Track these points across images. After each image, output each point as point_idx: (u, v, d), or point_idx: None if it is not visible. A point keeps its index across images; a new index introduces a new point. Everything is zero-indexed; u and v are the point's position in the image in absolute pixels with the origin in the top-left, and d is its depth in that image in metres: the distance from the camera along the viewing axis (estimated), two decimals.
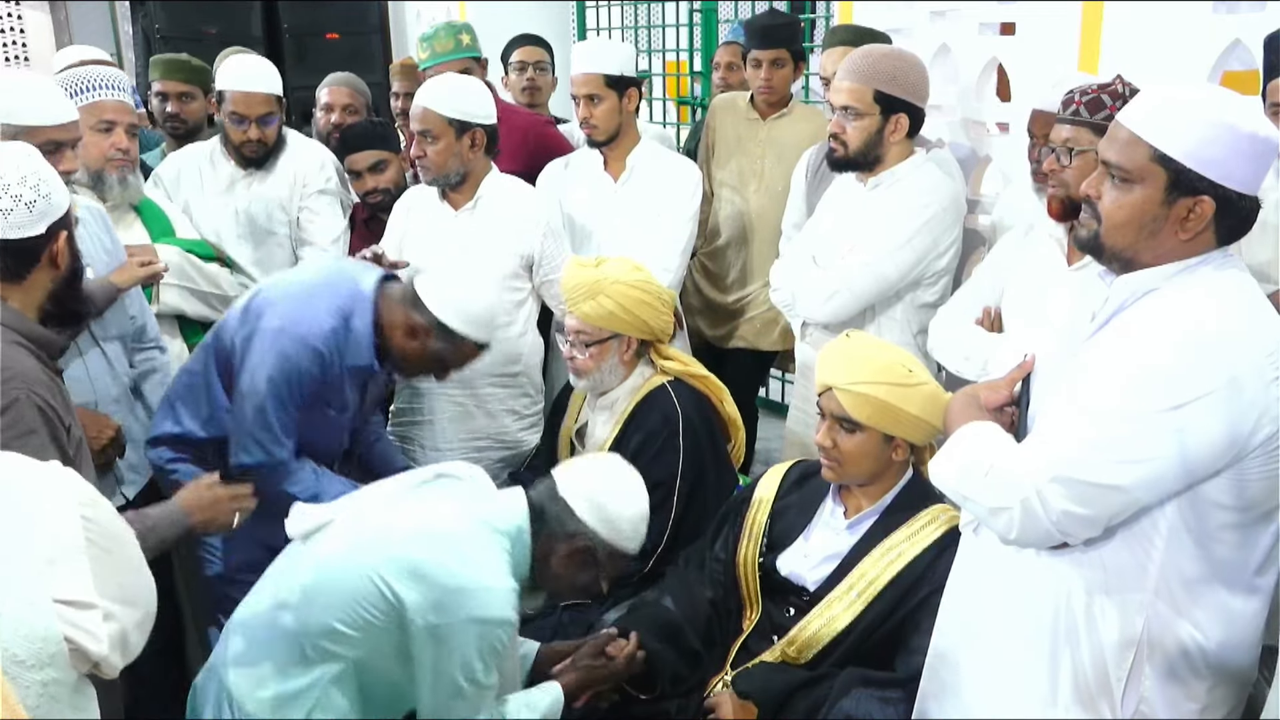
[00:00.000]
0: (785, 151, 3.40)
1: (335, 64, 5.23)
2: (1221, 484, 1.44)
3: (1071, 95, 2.12)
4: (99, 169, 2.56)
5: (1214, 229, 1.46)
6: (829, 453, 2.04)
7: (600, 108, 3.06)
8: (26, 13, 6.17)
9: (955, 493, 1.59)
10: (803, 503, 2.17)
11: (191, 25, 5.55)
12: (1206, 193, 1.42)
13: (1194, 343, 1.41)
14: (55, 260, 1.75)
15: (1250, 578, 1.52)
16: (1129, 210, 1.47)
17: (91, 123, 2.50)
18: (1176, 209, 1.44)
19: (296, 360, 2.19)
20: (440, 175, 2.79)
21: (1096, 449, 1.42)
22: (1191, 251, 1.47)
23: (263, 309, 2.24)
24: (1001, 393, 1.66)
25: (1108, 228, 1.50)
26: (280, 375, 2.19)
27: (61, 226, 1.75)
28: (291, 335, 2.19)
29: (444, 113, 2.73)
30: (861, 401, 1.98)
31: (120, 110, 2.58)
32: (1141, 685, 1.52)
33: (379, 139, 3.18)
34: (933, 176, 2.59)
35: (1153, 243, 1.47)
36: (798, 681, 1.98)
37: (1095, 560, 1.52)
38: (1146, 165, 1.44)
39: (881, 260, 2.55)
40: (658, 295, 2.50)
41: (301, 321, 2.20)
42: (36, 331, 1.76)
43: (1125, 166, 1.46)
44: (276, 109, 3.07)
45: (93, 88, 2.54)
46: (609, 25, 5.57)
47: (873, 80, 2.47)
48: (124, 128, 2.58)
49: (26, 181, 1.68)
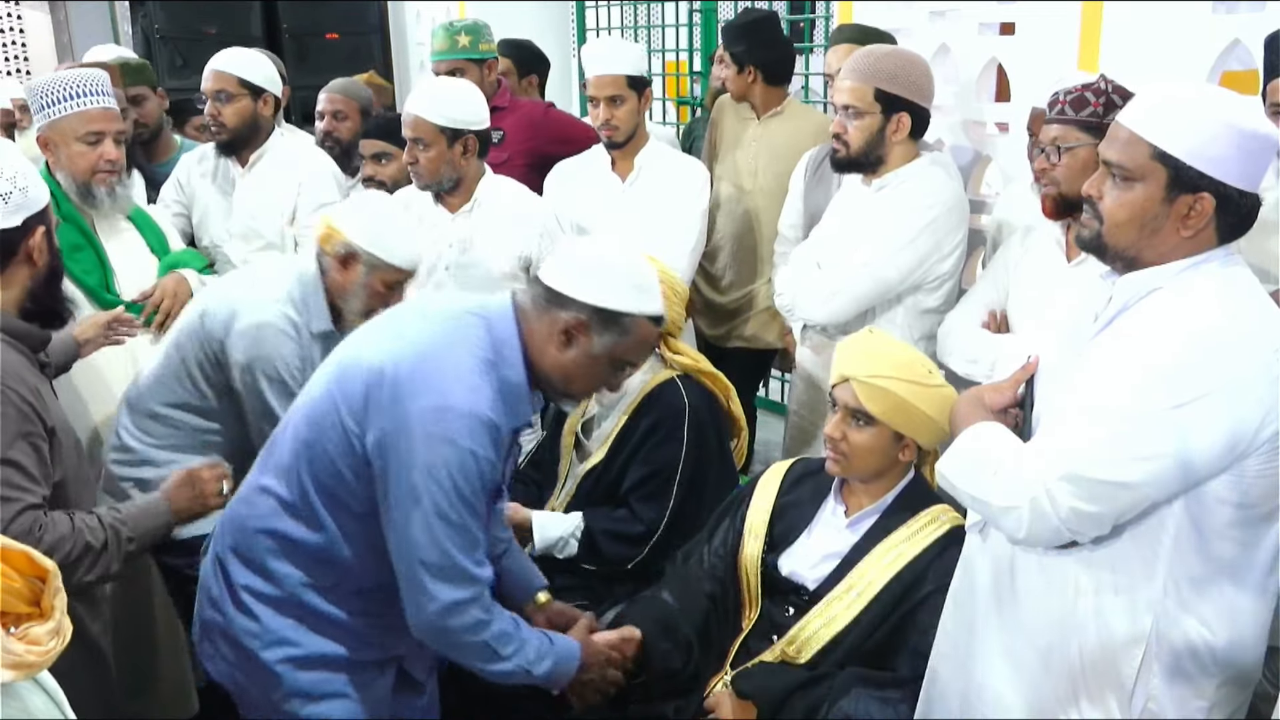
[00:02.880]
0: (779, 150, 3.41)
1: (335, 64, 5.25)
2: (1227, 480, 1.44)
3: (1057, 95, 2.16)
4: (86, 181, 2.48)
5: (1215, 227, 1.46)
6: (837, 445, 2.03)
7: (623, 109, 3.06)
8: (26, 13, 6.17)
9: (963, 492, 1.59)
10: (804, 502, 2.16)
11: (191, 25, 5.55)
12: (1207, 190, 1.43)
13: (1200, 340, 1.41)
14: (32, 256, 1.73)
15: (1257, 575, 1.52)
16: (1130, 209, 1.47)
17: (79, 133, 2.44)
18: (1177, 206, 1.45)
19: (470, 445, 1.67)
20: (433, 181, 2.81)
21: (1105, 447, 1.42)
22: (1193, 250, 1.48)
23: (390, 391, 1.68)
24: (1006, 394, 1.66)
25: (1109, 226, 1.50)
26: (459, 471, 1.67)
27: (39, 222, 1.73)
28: (458, 413, 1.67)
29: (434, 120, 2.73)
30: (879, 395, 1.97)
31: (107, 119, 2.49)
32: (1150, 683, 1.52)
33: (391, 132, 3.19)
34: (937, 179, 2.56)
35: (1154, 240, 1.48)
36: (797, 681, 1.97)
37: (1103, 559, 1.52)
38: (1147, 163, 1.45)
39: (882, 263, 2.53)
40: (671, 285, 2.48)
41: (453, 392, 1.68)
42: (16, 325, 1.74)
43: (1126, 165, 1.47)
44: (239, 90, 3.08)
45: (77, 94, 2.43)
46: (609, 25, 5.57)
47: (873, 79, 2.46)
48: (112, 137, 2.49)
49: (2, 174, 1.66)
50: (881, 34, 3.00)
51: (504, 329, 1.77)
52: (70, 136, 2.44)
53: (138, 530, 1.83)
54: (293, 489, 1.78)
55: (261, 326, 2.24)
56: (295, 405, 1.87)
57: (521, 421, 1.80)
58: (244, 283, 2.42)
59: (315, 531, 1.79)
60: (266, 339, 2.23)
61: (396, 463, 1.67)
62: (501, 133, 3.42)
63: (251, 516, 1.83)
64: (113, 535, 1.78)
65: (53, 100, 2.42)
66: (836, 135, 2.54)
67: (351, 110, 3.62)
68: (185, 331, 2.33)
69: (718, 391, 2.57)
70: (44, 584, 0.99)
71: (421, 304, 1.97)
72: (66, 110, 2.42)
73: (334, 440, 1.72)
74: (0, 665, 0.91)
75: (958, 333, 2.48)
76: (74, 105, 2.43)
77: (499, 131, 3.39)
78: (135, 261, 2.65)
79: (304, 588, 1.81)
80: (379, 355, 1.73)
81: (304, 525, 1.79)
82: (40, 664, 0.94)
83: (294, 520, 1.79)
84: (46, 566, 0.99)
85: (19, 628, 0.95)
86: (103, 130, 2.46)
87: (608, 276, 1.77)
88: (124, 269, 2.60)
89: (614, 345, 1.78)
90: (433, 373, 1.68)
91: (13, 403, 1.67)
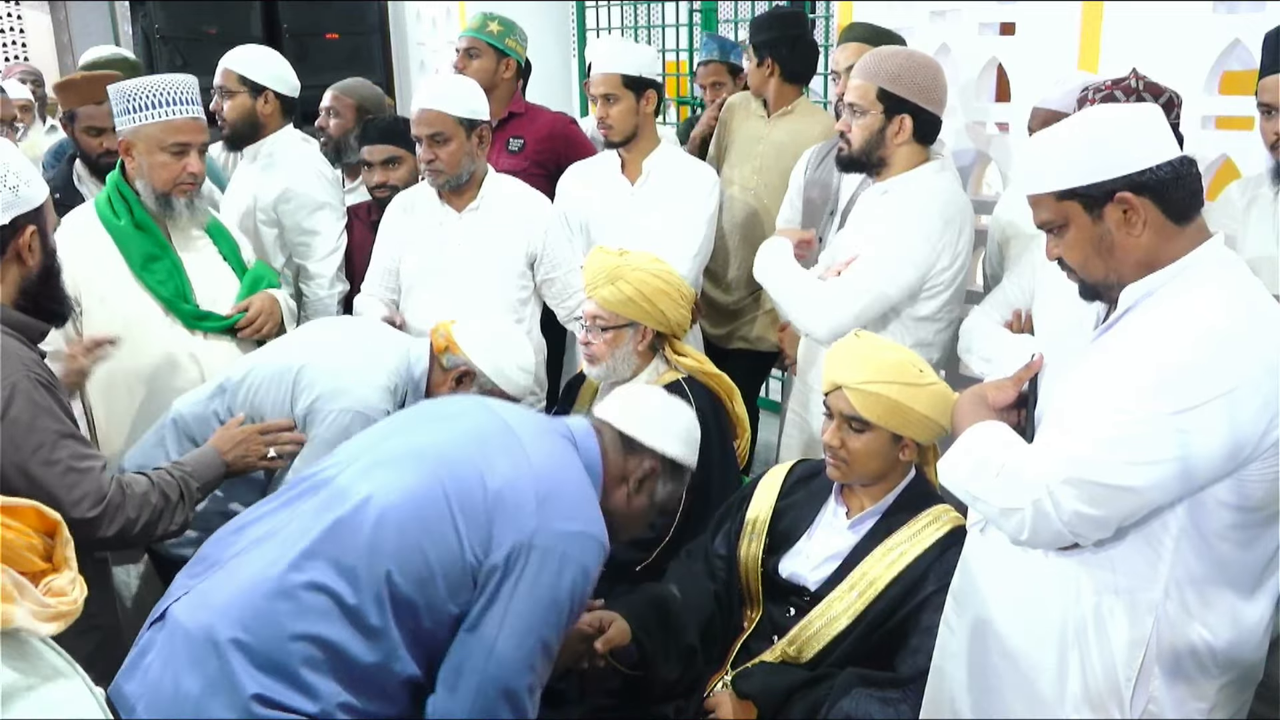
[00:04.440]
0: (785, 149, 3.41)
1: (335, 64, 5.26)
2: (1231, 485, 1.44)
3: (1086, 93, 2.12)
4: (166, 191, 2.39)
5: (1162, 213, 1.47)
6: (836, 453, 2.03)
7: (616, 108, 3.05)
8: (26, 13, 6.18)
9: (965, 493, 1.59)
10: (805, 502, 2.17)
11: (191, 25, 5.55)
12: (1117, 188, 1.46)
13: (1205, 344, 1.41)
14: (22, 255, 1.74)
15: (1259, 578, 1.52)
16: (1078, 248, 1.53)
17: (164, 143, 2.34)
18: (1110, 218, 1.48)
19: (594, 575, 1.66)
20: (453, 176, 2.77)
21: (1109, 450, 1.42)
22: (1172, 248, 1.48)
23: (536, 508, 1.60)
24: (1008, 392, 1.67)
25: (1080, 271, 1.55)
26: (580, 598, 1.64)
27: (30, 221, 1.73)
28: (598, 543, 1.65)
29: (453, 113, 2.72)
30: (872, 401, 1.97)
31: (194, 130, 2.40)
32: (1150, 685, 1.53)
33: (398, 135, 3.17)
34: (940, 188, 2.49)
35: (1119, 257, 1.50)
36: (798, 681, 1.98)
37: (1104, 561, 1.52)
38: (1060, 207, 1.51)
39: (885, 280, 2.45)
40: (678, 287, 2.48)
41: (592, 521, 1.66)
42: (15, 318, 1.76)
43: (1051, 219, 1.54)
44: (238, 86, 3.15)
45: (165, 102, 2.33)
46: (609, 25, 5.57)
47: (876, 78, 2.43)
48: (197, 149, 2.40)
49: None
50: (892, 35, 2.98)
51: (590, 459, 1.76)
52: (154, 145, 2.34)
53: (201, 480, 1.99)
54: (361, 592, 1.53)
55: (355, 415, 2.06)
56: (367, 494, 1.60)
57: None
58: (349, 353, 2.23)
59: (373, 645, 1.55)
60: (354, 430, 1.97)
61: (527, 580, 1.56)
62: (522, 140, 3.42)
63: (290, 616, 1.53)
64: (184, 486, 1.94)
65: (139, 105, 2.33)
66: (841, 133, 2.53)
67: (344, 107, 3.60)
68: (252, 386, 2.15)
69: (722, 393, 2.57)
70: (54, 538, 0.99)
71: (504, 410, 1.80)
72: (152, 118, 2.33)
73: (439, 544, 1.56)
74: (39, 619, 0.91)
75: (979, 331, 2.46)
76: (161, 113, 2.33)
77: (519, 140, 3.40)
78: (211, 273, 2.54)
79: (340, 709, 1.54)
80: (503, 467, 1.63)
81: (361, 637, 1.54)
82: (72, 613, 0.95)
83: (351, 629, 1.54)
84: (55, 519, 0.99)
85: (39, 584, 0.95)
86: (189, 142, 2.38)
87: (675, 426, 1.85)
88: (200, 280, 2.50)
89: (670, 495, 1.85)
90: (574, 498, 1.66)
91: (42, 381, 1.73)
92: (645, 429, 1.82)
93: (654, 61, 3.16)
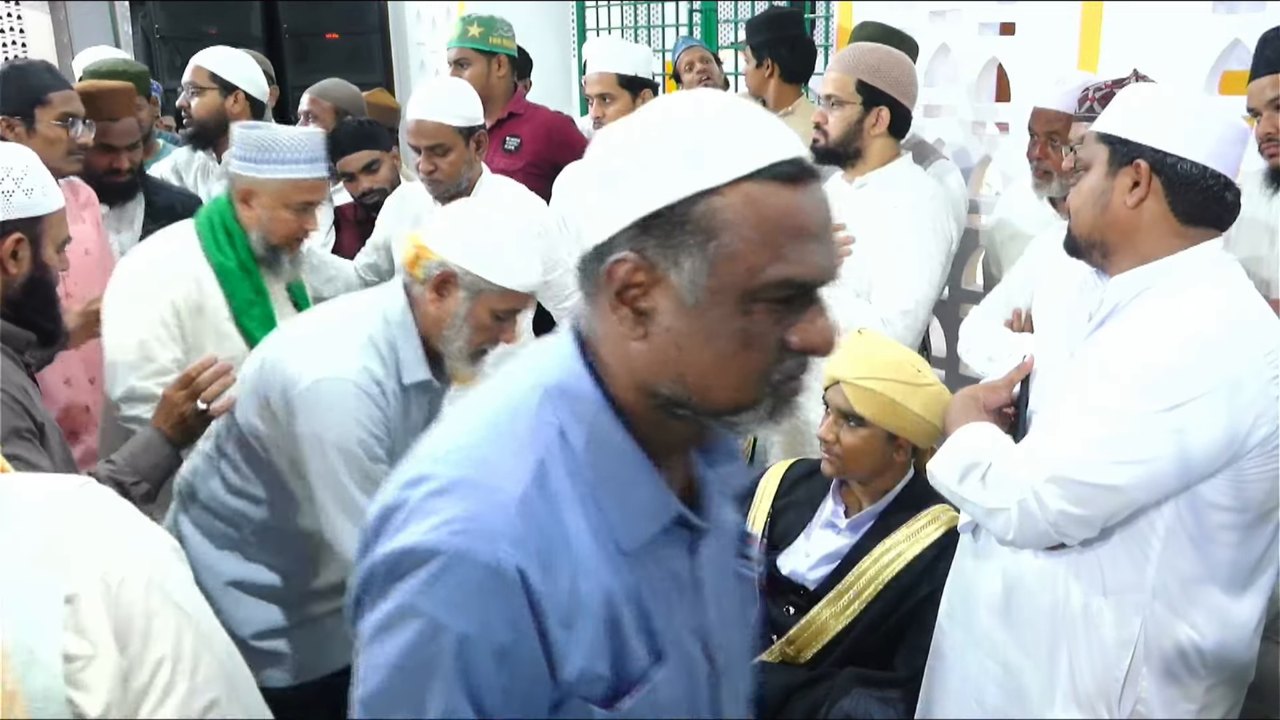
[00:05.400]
0: None
1: (335, 64, 5.25)
2: (1219, 484, 1.44)
3: (1086, 93, 2.13)
4: (278, 245, 2.27)
5: (1169, 204, 1.47)
6: (830, 447, 2.03)
7: (612, 108, 3.05)
8: (26, 13, 6.18)
9: (953, 494, 1.60)
10: (803, 502, 2.16)
11: (191, 25, 5.56)
12: (1142, 157, 1.46)
13: (1192, 343, 1.41)
14: (3, 262, 1.70)
15: (1248, 578, 1.52)
16: (1084, 193, 1.54)
17: (289, 200, 2.24)
18: (1120, 180, 1.48)
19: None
20: (453, 185, 2.70)
21: (1094, 449, 1.42)
22: (1165, 242, 1.48)
23: None
24: (1000, 393, 1.67)
25: (1073, 218, 1.56)
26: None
27: (18, 229, 1.69)
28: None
29: (452, 123, 2.65)
30: (869, 397, 1.97)
31: (319, 190, 2.29)
32: (1139, 686, 1.53)
33: (369, 138, 3.16)
34: (920, 185, 2.53)
35: (1107, 219, 1.50)
36: (797, 681, 1.97)
37: (1093, 561, 1.52)
38: (1094, 148, 1.53)
39: (916, 305, 2.47)
40: None
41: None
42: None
43: (1084, 158, 1.56)
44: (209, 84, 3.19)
45: (296, 159, 2.21)
46: (609, 25, 5.57)
47: (855, 70, 2.46)
48: (318, 208, 2.32)
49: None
50: (904, 35, 2.98)
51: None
52: (279, 201, 2.24)
53: (141, 469, 1.78)
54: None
55: (331, 383, 1.79)
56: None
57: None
58: (313, 327, 1.97)
59: None
60: (336, 402, 1.79)
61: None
62: (518, 140, 3.40)
63: None
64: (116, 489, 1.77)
65: (271, 159, 2.22)
66: (817, 125, 2.53)
67: (322, 110, 3.58)
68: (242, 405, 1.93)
69: None
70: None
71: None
72: (281, 174, 2.23)
73: None
74: None
75: (978, 330, 2.46)
76: (290, 170, 2.23)
77: (515, 139, 3.38)
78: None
79: None
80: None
81: None
82: None
83: None
84: None
85: None
86: (312, 201, 2.28)
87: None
88: None
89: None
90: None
91: (3, 401, 1.67)
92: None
93: (649, 61, 3.15)
